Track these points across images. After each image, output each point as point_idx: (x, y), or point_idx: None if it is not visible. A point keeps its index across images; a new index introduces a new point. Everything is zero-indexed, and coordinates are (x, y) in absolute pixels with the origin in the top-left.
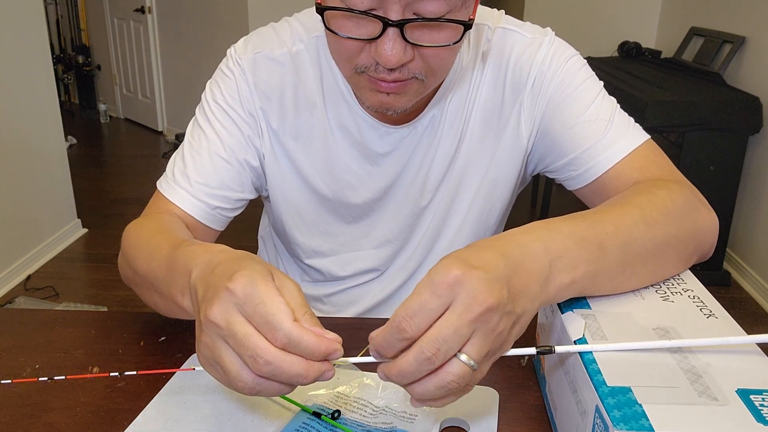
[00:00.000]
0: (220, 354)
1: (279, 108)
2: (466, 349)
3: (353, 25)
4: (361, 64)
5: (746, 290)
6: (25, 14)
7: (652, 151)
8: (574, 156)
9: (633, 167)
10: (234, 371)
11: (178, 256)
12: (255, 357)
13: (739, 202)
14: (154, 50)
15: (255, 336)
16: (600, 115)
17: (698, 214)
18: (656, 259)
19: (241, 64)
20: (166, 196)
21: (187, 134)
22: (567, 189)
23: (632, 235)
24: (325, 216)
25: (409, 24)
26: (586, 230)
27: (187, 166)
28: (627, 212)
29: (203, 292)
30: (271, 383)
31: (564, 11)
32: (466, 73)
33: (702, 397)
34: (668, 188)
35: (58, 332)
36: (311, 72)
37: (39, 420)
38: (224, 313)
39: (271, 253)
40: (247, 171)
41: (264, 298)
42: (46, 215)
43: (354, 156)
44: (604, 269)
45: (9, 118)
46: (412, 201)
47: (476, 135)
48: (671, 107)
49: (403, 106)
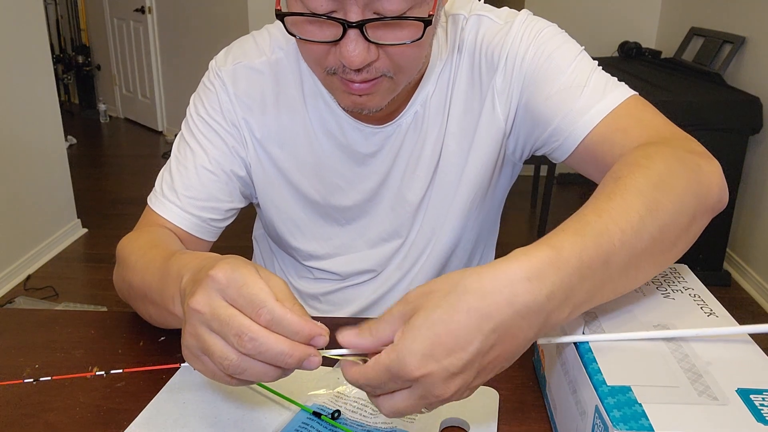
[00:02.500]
0: (204, 339)
1: (261, 117)
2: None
3: (316, 28)
4: (330, 66)
5: (746, 290)
6: (25, 14)
7: (637, 108)
8: (553, 127)
9: (616, 128)
10: (218, 351)
11: (171, 265)
12: (240, 334)
13: (739, 202)
14: (154, 50)
15: (239, 316)
16: (575, 80)
17: (699, 173)
18: (665, 244)
19: (221, 75)
20: (156, 211)
21: (174, 148)
22: (571, 186)
23: (639, 234)
24: (318, 221)
25: (370, 24)
26: (593, 250)
27: (175, 180)
28: (631, 206)
29: (191, 287)
30: (255, 363)
31: (564, 11)
32: (444, 65)
33: (702, 396)
34: (662, 155)
35: (58, 332)
36: (291, 78)
37: (39, 420)
38: (207, 299)
39: (266, 254)
40: (234, 181)
41: (246, 280)
42: (46, 215)
43: (341, 158)
44: (605, 285)
45: (9, 118)
46: (403, 198)
47: (458, 125)
48: (671, 107)
49: (376, 105)
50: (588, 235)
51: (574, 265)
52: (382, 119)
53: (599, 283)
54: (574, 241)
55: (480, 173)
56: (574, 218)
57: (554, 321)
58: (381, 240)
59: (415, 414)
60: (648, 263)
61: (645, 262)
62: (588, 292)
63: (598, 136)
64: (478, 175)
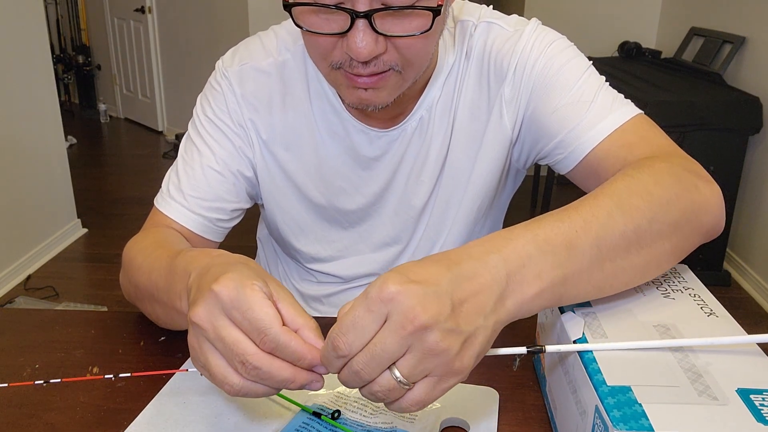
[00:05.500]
0: (206, 357)
1: (268, 118)
2: (399, 364)
3: (322, 20)
4: (336, 61)
5: (746, 290)
6: (25, 14)
7: (642, 127)
8: (559, 139)
9: (621, 145)
10: (220, 375)
11: (178, 263)
12: (244, 362)
13: (739, 202)
14: (154, 50)
15: (244, 342)
16: (583, 95)
17: (693, 192)
18: (644, 250)
19: (227, 76)
20: (163, 211)
21: (181, 149)
22: (571, 185)
23: (606, 227)
24: (322, 223)
25: (378, 14)
26: (550, 231)
27: (181, 180)
28: (599, 203)
29: (194, 293)
30: (257, 385)
31: (564, 11)
32: (451, 70)
33: (702, 396)
34: (654, 170)
35: (58, 332)
36: (298, 80)
37: (39, 420)
38: (209, 315)
39: (270, 255)
40: (241, 181)
41: (252, 304)
42: (46, 215)
43: (346, 162)
44: (575, 271)
45: (9, 118)
46: (407, 203)
47: (465, 132)
48: (671, 107)
49: (383, 101)
50: (544, 221)
51: (527, 237)
52: (388, 123)
53: (567, 264)
54: (528, 224)
55: (486, 181)
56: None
57: (520, 294)
58: (384, 244)
59: (416, 413)
60: (625, 262)
61: (621, 260)
62: (553, 268)
63: (603, 152)
64: (485, 182)
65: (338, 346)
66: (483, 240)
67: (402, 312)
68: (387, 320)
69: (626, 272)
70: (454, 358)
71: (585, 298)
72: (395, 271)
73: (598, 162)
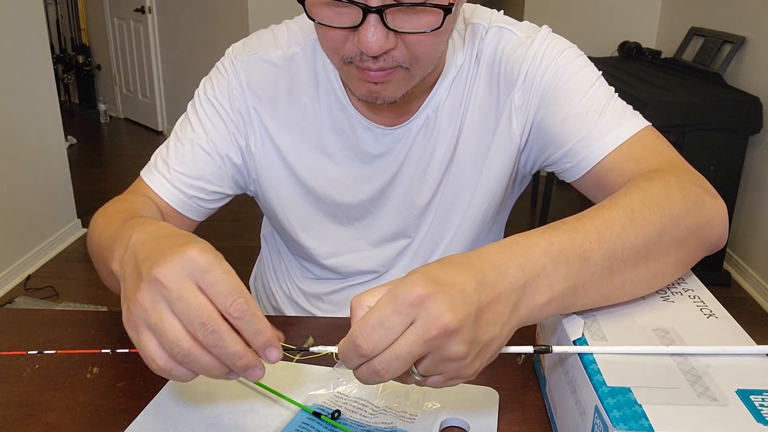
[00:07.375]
0: (161, 315)
1: (272, 109)
2: (416, 363)
3: (335, 14)
4: (347, 54)
5: (746, 290)
6: (25, 14)
7: (650, 139)
8: (568, 148)
9: (629, 157)
10: (173, 335)
11: (125, 226)
12: (205, 323)
13: (739, 202)
14: (154, 50)
15: (209, 306)
16: (593, 105)
17: (701, 207)
18: (652, 263)
19: (235, 63)
20: (145, 181)
21: (176, 125)
22: (571, 185)
23: (619, 240)
24: (321, 218)
25: (390, 9)
26: (566, 241)
27: (170, 154)
28: (614, 216)
29: (146, 253)
30: (204, 355)
31: (564, 11)
32: (460, 72)
33: (702, 397)
34: (664, 183)
35: (58, 332)
36: (306, 74)
37: (39, 420)
38: (175, 275)
39: (273, 253)
40: (227, 166)
41: (227, 269)
42: (46, 215)
43: (348, 156)
44: (586, 282)
45: (9, 118)
46: (410, 202)
47: (473, 135)
48: (671, 107)
49: (391, 95)
50: (561, 230)
51: (543, 247)
52: (393, 121)
53: (579, 276)
54: (544, 231)
55: (494, 186)
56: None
57: (532, 303)
58: (384, 241)
59: (416, 413)
60: (633, 274)
61: (630, 272)
62: (566, 279)
63: (611, 163)
64: (492, 187)
65: (361, 346)
66: (502, 246)
67: (430, 316)
68: (414, 323)
69: (633, 284)
70: (468, 365)
71: (591, 306)
72: (420, 273)
73: (606, 173)
